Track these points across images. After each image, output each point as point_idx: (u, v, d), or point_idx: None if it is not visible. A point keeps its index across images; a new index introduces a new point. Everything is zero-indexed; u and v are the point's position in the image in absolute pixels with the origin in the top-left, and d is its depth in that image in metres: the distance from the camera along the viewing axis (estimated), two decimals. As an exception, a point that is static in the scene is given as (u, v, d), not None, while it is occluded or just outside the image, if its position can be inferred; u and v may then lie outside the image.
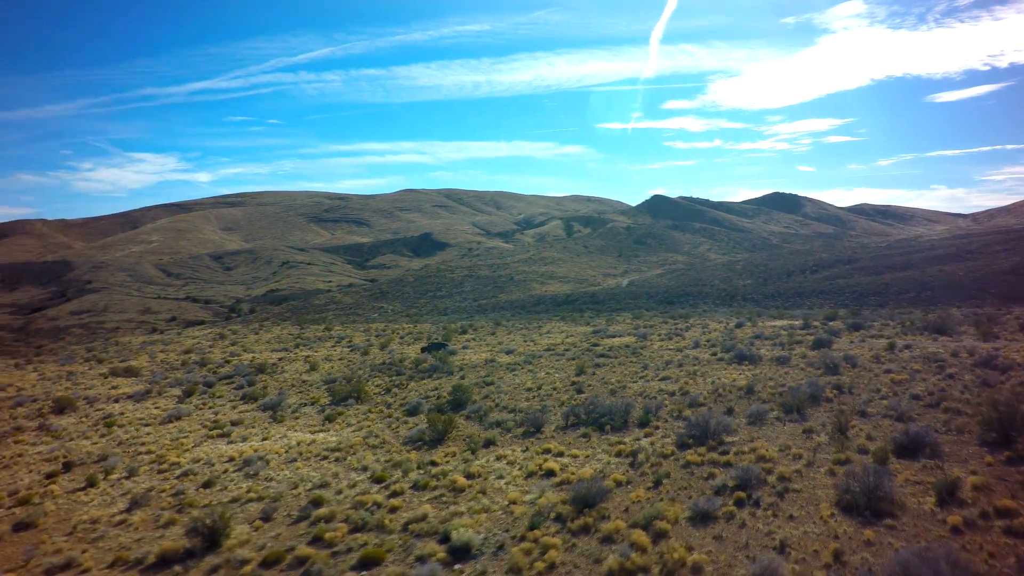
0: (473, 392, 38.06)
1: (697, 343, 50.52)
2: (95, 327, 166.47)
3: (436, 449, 26.57)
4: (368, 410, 36.43)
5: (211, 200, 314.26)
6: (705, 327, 64.23)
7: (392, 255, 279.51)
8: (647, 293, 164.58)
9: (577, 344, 58.18)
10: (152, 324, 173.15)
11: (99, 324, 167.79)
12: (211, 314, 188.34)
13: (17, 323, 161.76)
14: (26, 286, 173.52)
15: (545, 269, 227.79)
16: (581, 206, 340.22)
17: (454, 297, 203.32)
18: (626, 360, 44.88)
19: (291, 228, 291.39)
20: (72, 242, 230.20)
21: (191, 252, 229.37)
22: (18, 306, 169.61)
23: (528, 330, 78.06)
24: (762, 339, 50.31)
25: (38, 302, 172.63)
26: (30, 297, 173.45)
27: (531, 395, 35.76)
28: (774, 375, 34.25)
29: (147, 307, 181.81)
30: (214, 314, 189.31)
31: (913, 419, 23.87)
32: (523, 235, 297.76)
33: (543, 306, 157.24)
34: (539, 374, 42.37)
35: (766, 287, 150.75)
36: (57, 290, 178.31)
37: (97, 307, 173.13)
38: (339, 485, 22.43)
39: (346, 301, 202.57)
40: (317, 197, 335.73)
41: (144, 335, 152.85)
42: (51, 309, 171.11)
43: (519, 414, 31.42)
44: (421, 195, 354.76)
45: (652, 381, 36.15)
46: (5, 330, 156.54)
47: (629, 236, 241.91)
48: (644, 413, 28.08)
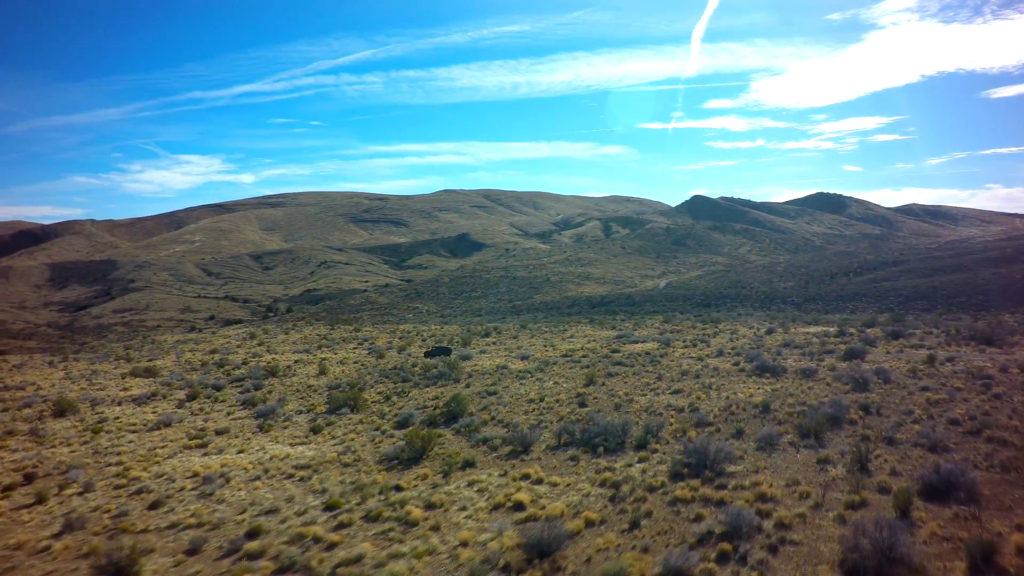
0: (471, 403, 35.57)
1: (721, 351, 47.12)
2: (137, 325, 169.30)
3: (410, 470, 24.12)
4: (360, 420, 34.25)
5: (252, 201, 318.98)
6: (734, 333, 60.54)
7: (429, 255, 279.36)
8: (684, 295, 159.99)
9: (597, 350, 55.24)
10: (191, 322, 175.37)
11: (141, 322, 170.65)
12: (249, 313, 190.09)
13: (63, 320, 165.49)
14: (74, 284, 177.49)
15: (581, 270, 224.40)
16: (620, 207, 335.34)
17: (489, 298, 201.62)
18: (641, 369, 41.81)
19: (330, 228, 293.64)
20: (119, 242, 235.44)
21: (232, 252, 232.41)
22: (66, 304, 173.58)
23: (552, 333, 75.26)
24: (791, 347, 46.64)
25: (84, 300, 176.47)
26: (77, 295, 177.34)
27: (532, 407, 33.09)
28: (796, 390, 30.89)
29: (187, 306, 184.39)
30: (252, 313, 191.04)
31: (949, 449, 20.50)
32: (560, 236, 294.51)
33: (577, 308, 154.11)
34: (547, 383, 39.64)
35: (808, 289, 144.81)
36: (102, 288, 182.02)
37: (139, 305, 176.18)
38: (288, 512, 20.14)
39: (381, 301, 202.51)
40: (356, 197, 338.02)
41: (182, 333, 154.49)
42: (96, 307, 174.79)
43: (513, 429, 28.83)
44: (459, 196, 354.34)
45: (663, 394, 33.11)
46: (52, 327, 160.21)
47: (668, 237, 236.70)
48: (644, 433, 25.15)
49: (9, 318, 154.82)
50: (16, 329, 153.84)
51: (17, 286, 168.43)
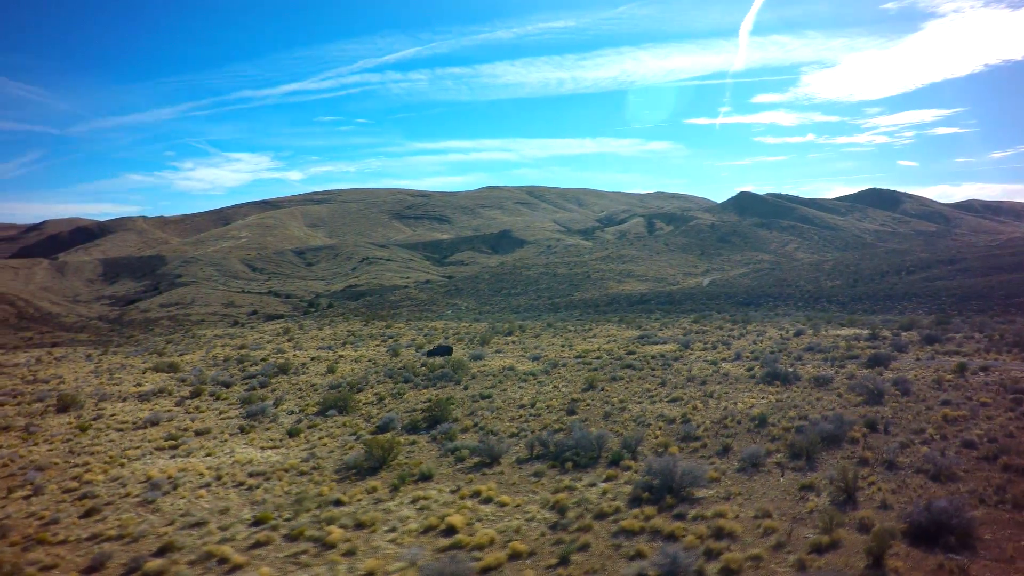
0: (460, 408, 33.81)
1: (739, 355, 44.19)
2: (182, 319, 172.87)
3: (364, 481, 22.46)
4: (344, 423, 32.85)
5: (298, 198, 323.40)
6: (762, 334, 57.24)
7: (471, 252, 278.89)
8: (726, 294, 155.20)
9: (613, 351, 52.83)
10: (234, 317, 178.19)
11: (186, 316, 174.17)
12: (291, 308, 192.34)
13: (113, 314, 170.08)
14: (124, 279, 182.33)
15: (623, 267, 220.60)
16: (665, 203, 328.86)
17: (528, 295, 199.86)
18: (649, 373, 39.34)
19: (373, 225, 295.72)
20: (169, 238, 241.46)
21: (276, 248, 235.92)
22: (116, 298, 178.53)
23: (576, 333, 72.94)
24: (815, 352, 43.42)
25: (133, 294, 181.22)
26: (127, 290, 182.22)
27: (520, 414, 31.12)
28: (802, 401, 28.10)
29: (231, 301, 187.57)
30: (293, 308, 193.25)
31: (956, 478, 17.75)
32: (603, 232, 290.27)
33: (616, 306, 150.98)
34: (546, 387, 37.58)
35: (855, 289, 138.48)
36: (151, 283, 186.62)
37: (185, 300, 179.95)
38: (213, 526, 18.68)
39: (421, 298, 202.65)
40: (400, 194, 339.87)
41: (223, 328, 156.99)
42: (144, 301, 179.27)
43: (488, 438, 26.97)
44: (503, 192, 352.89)
45: (659, 403, 30.70)
46: (102, 320, 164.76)
47: (713, 234, 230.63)
48: (621, 448, 22.94)
49: (63, 311, 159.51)
50: (69, 322, 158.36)
51: (71, 280, 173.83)
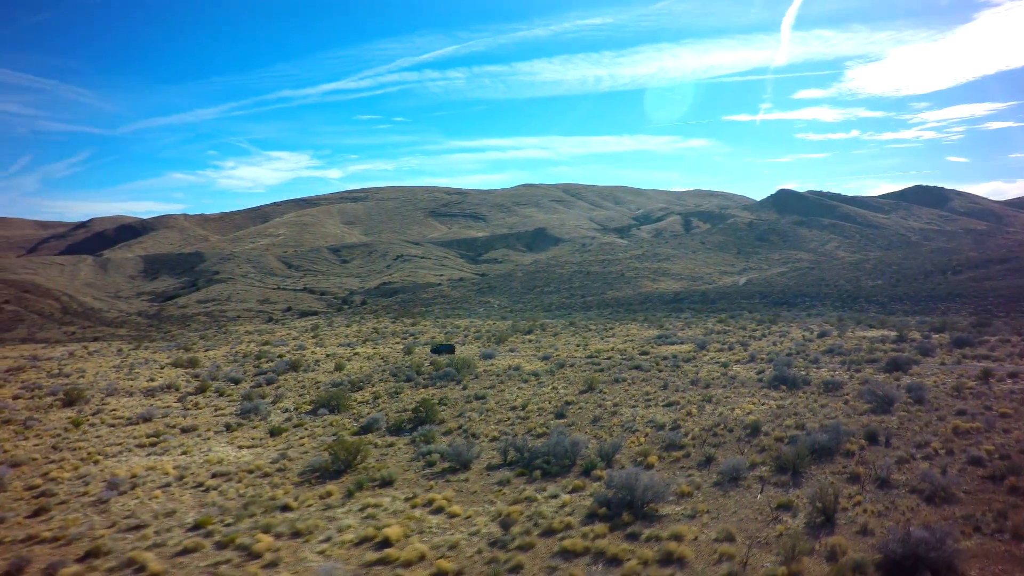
0: (448, 409, 32.61)
1: (754, 356, 42.03)
2: (218, 315, 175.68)
3: (324, 484, 21.36)
4: (330, 423, 31.93)
5: (335, 196, 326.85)
6: (785, 335, 54.72)
7: (505, 249, 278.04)
8: (761, 293, 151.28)
9: (627, 351, 51.04)
10: (269, 313, 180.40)
11: (222, 312, 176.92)
12: (325, 305, 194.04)
13: (152, 310, 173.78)
14: (164, 275, 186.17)
15: (658, 266, 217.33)
16: (703, 201, 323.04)
17: (561, 293, 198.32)
18: (654, 375, 37.54)
19: (409, 222, 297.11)
20: (209, 235, 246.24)
21: (312, 245, 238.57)
22: (156, 294, 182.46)
23: (595, 332, 71.14)
24: (834, 354, 41.00)
25: (172, 291, 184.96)
26: (166, 286, 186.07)
27: (509, 416, 29.76)
28: (804, 408, 26.08)
29: (266, 297, 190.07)
30: (327, 305, 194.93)
31: (953, 500, 15.79)
32: (639, 230, 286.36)
33: (649, 304, 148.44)
34: (544, 388, 36.11)
35: (897, 289, 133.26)
36: (189, 280, 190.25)
37: (222, 296, 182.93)
38: (151, 530, 17.80)
39: (453, 295, 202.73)
40: (436, 192, 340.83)
41: (257, 324, 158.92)
42: (182, 297, 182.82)
43: (463, 442, 25.70)
44: (539, 190, 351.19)
45: (653, 407, 28.98)
46: (142, 316, 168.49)
47: (751, 232, 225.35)
48: (596, 456, 21.41)
49: (105, 307, 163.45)
50: (110, 317, 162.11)
51: (114, 276, 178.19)
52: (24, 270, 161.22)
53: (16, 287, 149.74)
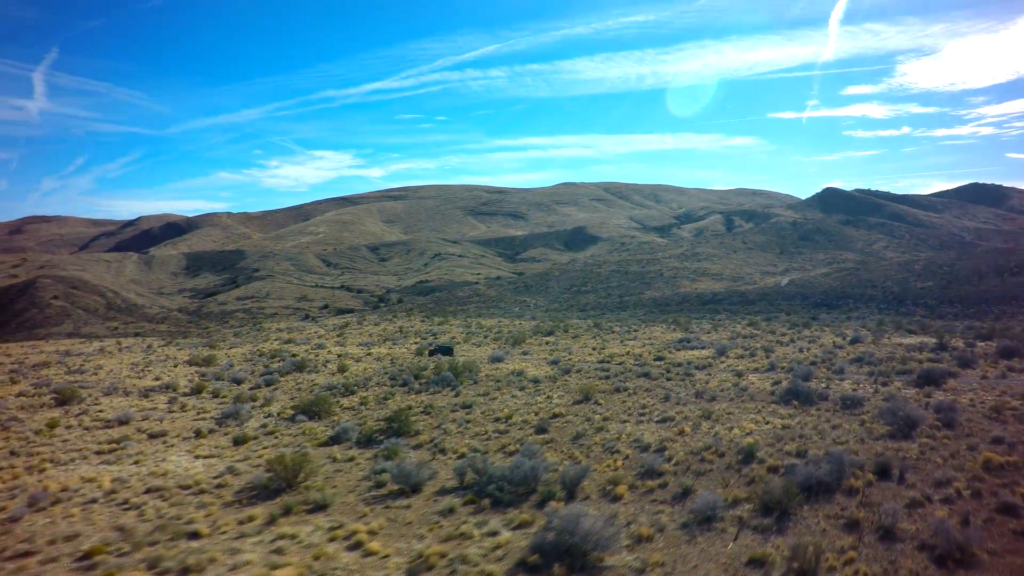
0: (432, 417, 30.07)
1: (774, 365, 38.37)
2: (256, 312, 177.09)
3: (256, 505, 19.05)
4: (303, 431, 29.71)
5: (375, 194, 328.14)
6: (815, 340, 50.60)
7: (543, 248, 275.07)
8: (803, 294, 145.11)
9: (642, 356, 47.78)
10: (306, 311, 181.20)
11: (260, 309, 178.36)
12: (361, 303, 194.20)
13: (193, 306, 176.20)
14: (205, 273, 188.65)
15: (698, 266, 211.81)
16: (746, 200, 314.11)
17: (598, 292, 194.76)
18: (659, 385, 34.33)
19: (448, 221, 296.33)
20: (251, 232, 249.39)
21: (352, 243, 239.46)
22: (197, 290, 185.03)
23: (617, 335, 67.78)
24: (862, 363, 37.04)
25: (213, 287, 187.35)
26: (207, 283, 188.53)
27: (490, 429, 27.06)
28: (812, 430, 22.65)
29: (304, 295, 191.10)
30: (364, 303, 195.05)
31: (971, 563, 12.49)
32: (680, 230, 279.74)
33: (686, 305, 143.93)
34: (538, 397, 33.26)
35: (948, 291, 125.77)
36: (229, 277, 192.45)
37: (260, 293, 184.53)
38: (37, 559, 15.70)
39: (489, 294, 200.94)
40: (476, 191, 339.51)
41: (291, 321, 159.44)
42: (222, 294, 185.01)
43: (440, 457, 23.16)
44: (579, 188, 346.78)
45: (646, 423, 25.87)
46: (182, 312, 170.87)
47: (794, 231, 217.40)
48: (559, 483, 18.56)
49: (147, 303, 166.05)
50: (152, 313, 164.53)
51: (157, 273, 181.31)
52: (73, 267, 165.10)
53: (64, 283, 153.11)
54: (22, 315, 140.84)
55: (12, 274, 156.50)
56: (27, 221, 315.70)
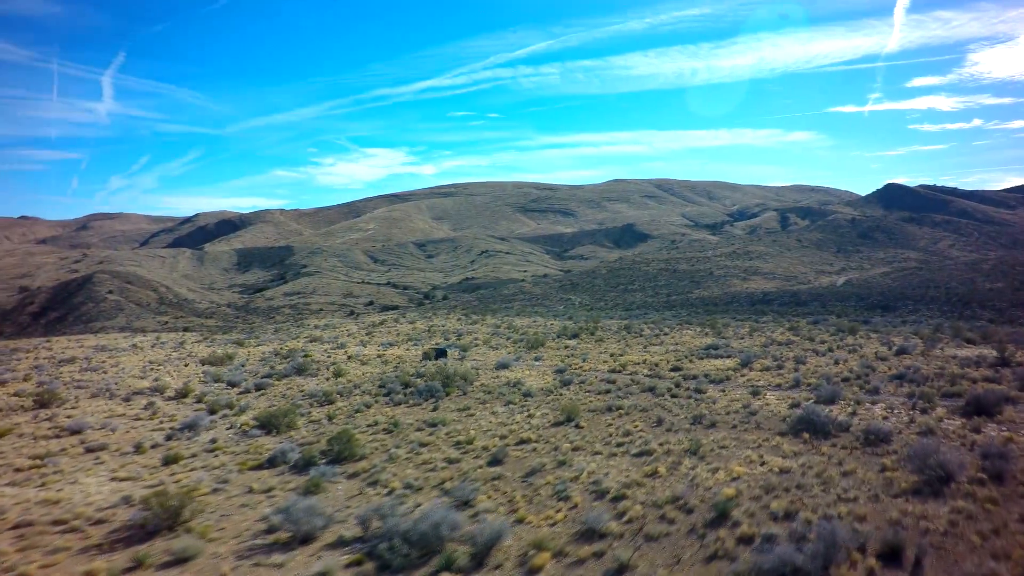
0: (387, 439, 26.25)
1: (799, 380, 33.07)
2: (302, 307, 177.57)
3: (115, 553, 15.56)
4: (252, 448, 26.35)
5: (426, 191, 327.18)
6: (855, 349, 44.62)
7: (592, 246, 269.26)
8: (858, 295, 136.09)
9: (659, 365, 42.94)
10: (351, 307, 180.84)
11: (306, 305, 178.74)
12: (406, 300, 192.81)
13: (241, 301, 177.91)
14: (255, 268, 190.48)
15: (749, 264, 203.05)
16: (803, 196, 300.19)
17: (645, 291, 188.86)
18: (660, 404, 29.65)
19: (497, 218, 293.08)
20: (303, 229, 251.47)
21: (400, 240, 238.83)
22: (246, 286, 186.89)
23: (645, 338, 62.73)
24: (902, 381, 31.38)
25: (262, 283, 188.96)
26: (257, 278, 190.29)
27: (437, 457, 23.08)
28: (816, 477, 17.72)
29: (350, 291, 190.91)
30: (409, 300, 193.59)
31: None
32: (733, 227, 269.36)
33: (735, 305, 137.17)
34: (517, 417, 29.06)
35: (1019, 293, 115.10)
36: (278, 273, 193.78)
37: (307, 289, 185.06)
38: None
39: (534, 292, 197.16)
40: (526, 187, 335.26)
41: (339, 317, 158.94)
42: (270, 289, 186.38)
43: (364, 492, 19.35)
44: (630, 185, 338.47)
45: (620, 456, 21.40)
46: (231, 307, 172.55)
47: (853, 229, 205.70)
48: (469, 547, 14.42)
49: (197, 298, 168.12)
50: (201, 308, 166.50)
51: (209, 269, 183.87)
52: (130, 262, 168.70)
53: (120, 278, 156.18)
54: (79, 308, 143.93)
55: (73, 269, 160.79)
56: (92, 218, 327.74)
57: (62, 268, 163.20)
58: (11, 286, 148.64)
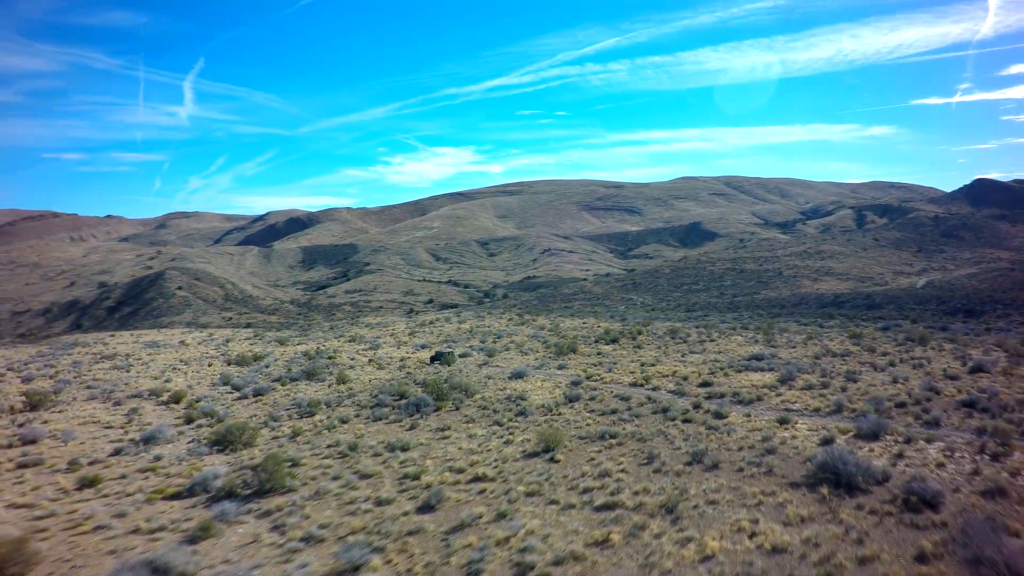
0: (332, 466, 22.31)
1: (841, 405, 27.18)
2: (362, 305, 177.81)
3: None
4: (194, 468, 23.02)
5: (491, 189, 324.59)
6: (922, 364, 37.75)
7: (657, 244, 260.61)
8: (940, 298, 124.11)
9: (690, 378, 37.51)
10: (411, 305, 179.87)
11: (366, 303, 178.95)
12: (466, 298, 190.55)
13: (304, 299, 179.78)
14: (319, 266, 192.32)
15: (821, 264, 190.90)
16: (881, 193, 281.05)
17: (710, 291, 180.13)
18: (659, 432, 24.59)
19: (562, 216, 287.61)
20: (369, 227, 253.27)
21: (463, 238, 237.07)
22: (310, 283, 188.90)
23: (687, 345, 56.88)
24: (974, 410, 25.05)
25: (324, 280, 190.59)
26: (320, 275, 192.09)
27: (376, 495, 18.97)
28: (818, 566, 12.58)
29: (410, 289, 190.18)
30: (469, 298, 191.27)
31: None
32: (805, 225, 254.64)
33: (804, 307, 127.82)
34: (493, 442, 24.66)
35: None
36: (341, 270, 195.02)
37: (368, 287, 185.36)
38: None
39: (595, 291, 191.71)
40: (591, 186, 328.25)
41: (398, 315, 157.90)
42: (332, 287, 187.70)
43: (258, 539, 15.45)
44: (698, 183, 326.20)
45: (576, 510, 16.66)
46: (294, 304, 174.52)
47: (936, 227, 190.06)
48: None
49: (262, 294, 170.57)
50: (265, 304, 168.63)
51: (275, 266, 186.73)
52: (200, 259, 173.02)
53: (189, 275, 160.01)
54: (151, 304, 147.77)
55: (148, 266, 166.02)
56: (170, 217, 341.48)
57: (138, 265, 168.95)
58: (92, 282, 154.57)
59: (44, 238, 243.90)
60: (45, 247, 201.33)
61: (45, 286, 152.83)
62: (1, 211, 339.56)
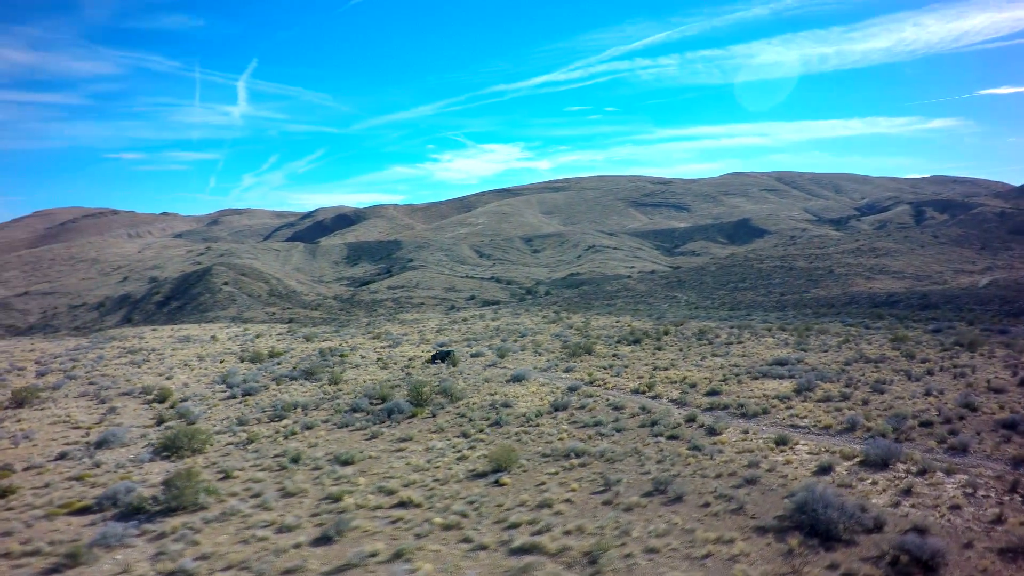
0: (252, 482, 19.94)
1: (854, 423, 23.34)
2: (404, 301, 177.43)
3: None
4: (108, 482, 21.02)
5: (537, 186, 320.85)
6: (964, 374, 33.14)
7: (704, 241, 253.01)
8: (1003, 298, 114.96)
9: (700, 386, 33.94)
10: (452, 301, 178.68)
11: (408, 299, 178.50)
12: (508, 295, 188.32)
13: (347, 294, 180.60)
14: (364, 262, 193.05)
15: (875, 262, 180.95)
16: (942, 188, 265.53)
17: (757, 289, 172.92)
18: (634, 451, 21.38)
19: (608, 212, 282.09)
20: (415, 224, 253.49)
21: (508, 235, 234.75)
22: (354, 279, 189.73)
23: (712, 346, 52.87)
24: (1013, 432, 20.93)
25: (368, 276, 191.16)
26: (364, 272, 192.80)
27: (281, 521, 16.46)
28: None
29: (453, 285, 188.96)
30: (511, 295, 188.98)
31: None
32: (860, 222, 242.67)
33: (854, 307, 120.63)
34: (445, 458, 21.89)
35: None
36: (385, 266, 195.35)
37: (411, 283, 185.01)
38: None
39: (639, 289, 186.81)
40: (639, 181, 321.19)
41: (438, 312, 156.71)
42: (376, 283, 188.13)
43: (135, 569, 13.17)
44: (748, 179, 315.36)
45: (475, 556, 13.73)
46: (337, 300, 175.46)
47: (1002, 224, 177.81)
48: None
49: (306, 290, 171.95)
50: (308, 300, 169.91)
51: (320, 262, 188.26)
52: (247, 255, 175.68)
53: (236, 270, 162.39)
54: (198, 299, 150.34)
55: (197, 262, 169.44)
56: (223, 214, 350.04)
57: (187, 260, 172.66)
58: (144, 276, 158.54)
59: (103, 235, 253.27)
60: (104, 243, 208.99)
61: (101, 281, 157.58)
62: (65, 209, 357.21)
